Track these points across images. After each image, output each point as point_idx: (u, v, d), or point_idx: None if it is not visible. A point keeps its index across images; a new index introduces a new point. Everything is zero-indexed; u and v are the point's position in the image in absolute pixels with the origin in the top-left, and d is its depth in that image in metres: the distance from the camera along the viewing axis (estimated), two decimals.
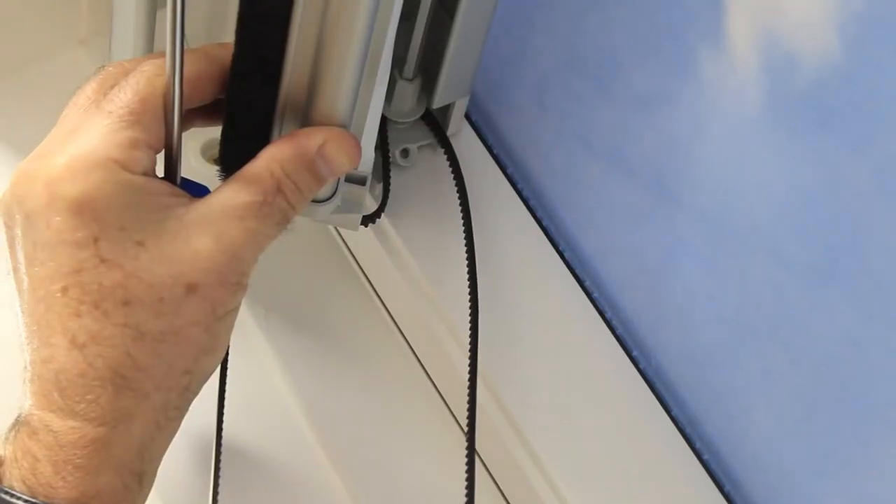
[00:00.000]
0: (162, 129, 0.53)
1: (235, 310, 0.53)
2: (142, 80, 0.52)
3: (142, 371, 0.50)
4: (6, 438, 0.51)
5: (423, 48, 0.65)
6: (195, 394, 0.53)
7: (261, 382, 0.73)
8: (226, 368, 0.66)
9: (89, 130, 0.52)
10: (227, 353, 0.60)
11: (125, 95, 0.52)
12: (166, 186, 0.52)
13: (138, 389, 0.50)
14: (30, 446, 0.50)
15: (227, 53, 0.53)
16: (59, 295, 0.50)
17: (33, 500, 0.49)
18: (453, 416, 0.73)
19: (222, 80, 0.54)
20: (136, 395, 0.50)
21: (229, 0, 0.63)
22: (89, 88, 0.54)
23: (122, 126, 0.52)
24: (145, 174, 0.52)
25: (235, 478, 0.69)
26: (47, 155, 0.52)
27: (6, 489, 0.50)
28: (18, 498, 0.49)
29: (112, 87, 0.53)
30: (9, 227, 0.52)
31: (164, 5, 0.67)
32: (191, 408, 0.53)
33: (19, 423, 0.51)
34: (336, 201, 0.57)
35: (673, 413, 0.68)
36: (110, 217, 0.50)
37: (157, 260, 0.50)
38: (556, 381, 0.67)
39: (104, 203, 0.50)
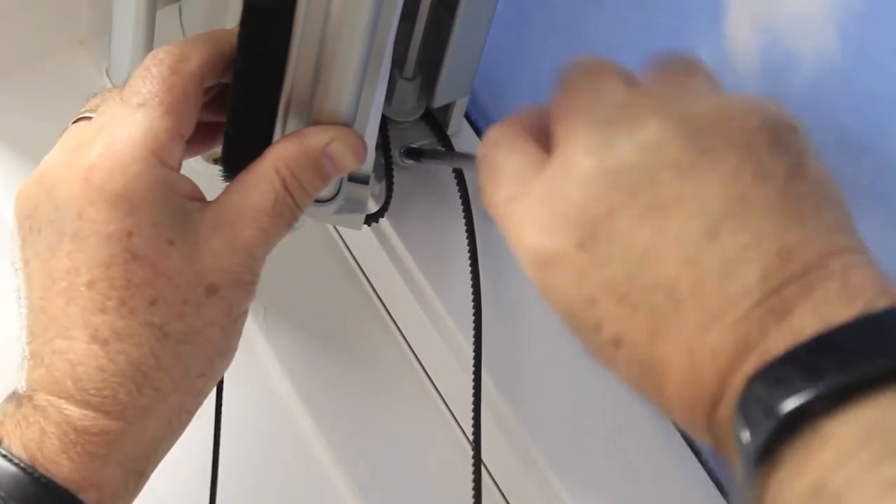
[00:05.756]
0: (190, 116, 0.52)
1: (246, 312, 0.53)
2: (164, 69, 0.52)
3: (163, 371, 0.50)
4: (3, 410, 0.50)
5: (423, 48, 0.65)
6: (205, 397, 0.53)
7: (259, 382, 0.73)
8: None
9: (124, 123, 0.51)
10: None
11: (152, 86, 0.51)
12: (191, 185, 0.52)
13: (159, 389, 0.50)
14: (37, 419, 0.49)
15: (232, 37, 0.52)
16: (83, 288, 0.49)
17: (30, 470, 0.48)
18: (453, 416, 0.73)
19: (226, 63, 0.53)
20: (157, 395, 0.50)
21: (229, 0, 0.63)
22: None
23: (158, 116, 0.51)
24: (178, 168, 0.51)
25: (234, 478, 0.69)
26: (80, 147, 0.51)
27: (5, 451, 0.48)
28: (16, 464, 0.48)
29: None
30: (28, 217, 0.51)
31: (164, 5, 0.67)
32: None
33: (20, 397, 0.50)
34: (339, 201, 0.57)
35: None
36: (145, 212, 0.50)
37: (185, 260, 0.50)
38: (559, 381, 0.67)
39: (140, 197, 0.50)
